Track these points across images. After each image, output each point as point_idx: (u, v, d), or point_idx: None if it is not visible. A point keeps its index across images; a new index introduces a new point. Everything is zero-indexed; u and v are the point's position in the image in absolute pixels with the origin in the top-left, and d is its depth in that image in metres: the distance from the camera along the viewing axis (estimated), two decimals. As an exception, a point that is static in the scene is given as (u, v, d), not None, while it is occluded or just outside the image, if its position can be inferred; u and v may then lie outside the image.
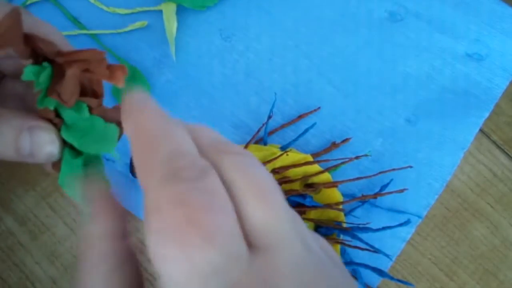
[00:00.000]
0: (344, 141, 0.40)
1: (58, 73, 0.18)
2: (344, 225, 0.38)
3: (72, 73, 0.17)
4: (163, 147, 0.14)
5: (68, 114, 0.18)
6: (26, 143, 0.18)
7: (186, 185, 0.13)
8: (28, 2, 0.43)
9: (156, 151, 0.14)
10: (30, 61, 0.18)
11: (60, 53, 0.18)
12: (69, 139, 0.19)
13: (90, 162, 0.20)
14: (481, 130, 0.42)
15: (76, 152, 0.20)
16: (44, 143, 0.18)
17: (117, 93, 0.41)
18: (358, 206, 0.39)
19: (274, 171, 0.38)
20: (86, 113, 0.19)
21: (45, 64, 0.18)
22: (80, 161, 0.19)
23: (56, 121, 0.19)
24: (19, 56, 0.17)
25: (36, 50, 0.18)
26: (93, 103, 0.19)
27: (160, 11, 0.43)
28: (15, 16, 0.17)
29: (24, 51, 0.17)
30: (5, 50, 0.17)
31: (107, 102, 0.43)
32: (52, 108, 0.18)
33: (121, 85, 0.17)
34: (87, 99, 0.19)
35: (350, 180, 0.38)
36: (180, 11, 0.43)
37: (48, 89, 0.18)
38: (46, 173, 0.41)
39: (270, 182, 0.14)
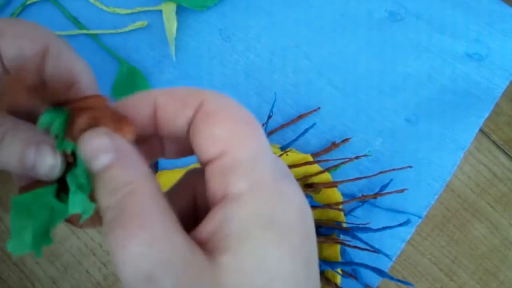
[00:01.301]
0: (344, 141, 0.40)
1: (73, 117, 0.18)
2: (344, 225, 0.38)
3: (82, 123, 0.18)
4: None
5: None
6: (31, 156, 0.19)
7: None
8: (28, 2, 0.43)
9: None
10: (46, 106, 0.19)
11: (68, 101, 0.18)
12: (71, 182, 0.19)
13: (57, 209, 0.20)
14: (481, 130, 0.42)
15: (63, 192, 0.20)
16: (47, 160, 0.19)
17: (117, 93, 0.41)
18: (358, 206, 0.39)
19: (274, 171, 0.38)
20: None
21: (59, 110, 0.18)
22: (51, 199, 0.19)
23: (71, 160, 0.20)
24: (29, 105, 0.19)
25: (49, 98, 0.18)
26: None
27: (160, 11, 0.43)
28: (19, 78, 0.18)
29: (35, 100, 0.18)
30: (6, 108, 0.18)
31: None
32: (69, 150, 0.19)
33: (129, 137, 0.18)
34: None
35: (350, 180, 0.38)
36: (180, 11, 0.43)
37: (65, 132, 0.19)
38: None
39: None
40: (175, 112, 0.17)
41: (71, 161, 0.20)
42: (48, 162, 0.19)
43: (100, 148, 0.17)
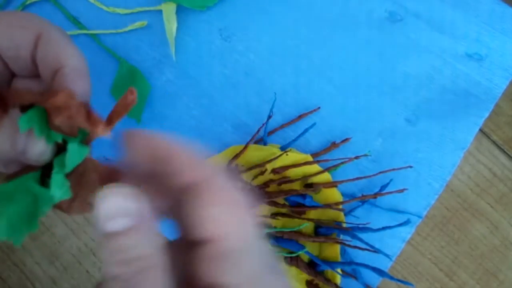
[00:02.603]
0: (344, 141, 0.40)
1: (49, 114, 0.19)
2: (344, 225, 0.38)
3: (59, 122, 0.18)
4: None
5: (72, 141, 0.19)
6: (21, 140, 0.19)
7: None
8: (28, 2, 0.43)
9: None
10: (18, 110, 0.19)
11: (37, 102, 0.18)
12: (55, 164, 0.19)
13: (41, 195, 0.20)
14: (481, 130, 0.42)
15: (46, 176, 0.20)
16: (38, 144, 0.19)
17: (116, 93, 0.41)
18: (358, 206, 0.39)
19: (274, 171, 0.38)
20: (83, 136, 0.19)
21: (35, 110, 0.18)
22: (33, 184, 0.19)
23: (61, 144, 0.20)
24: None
25: (18, 101, 0.19)
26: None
27: (160, 11, 0.43)
28: None
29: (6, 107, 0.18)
30: None
31: (107, 101, 0.43)
32: (61, 140, 0.19)
33: (104, 135, 0.18)
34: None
35: (350, 180, 0.38)
36: (180, 11, 0.43)
37: (49, 125, 0.19)
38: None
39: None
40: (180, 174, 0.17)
41: (61, 145, 0.20)
42: (39, 146, 0.19)
43: (119, 210, 0.16)
